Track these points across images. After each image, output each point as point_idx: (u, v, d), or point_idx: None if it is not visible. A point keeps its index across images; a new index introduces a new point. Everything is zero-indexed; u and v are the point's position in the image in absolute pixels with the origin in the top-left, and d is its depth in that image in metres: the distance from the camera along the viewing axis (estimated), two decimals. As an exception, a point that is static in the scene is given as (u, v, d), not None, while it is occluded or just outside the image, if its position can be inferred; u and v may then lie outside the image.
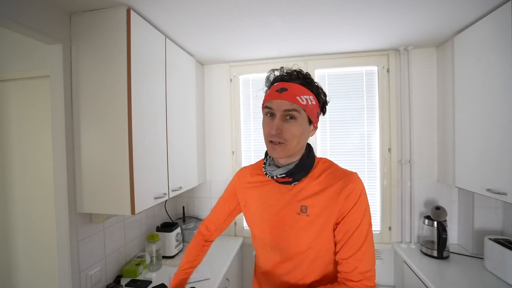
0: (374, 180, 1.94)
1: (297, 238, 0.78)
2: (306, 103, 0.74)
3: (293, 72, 0.78)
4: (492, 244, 1.44)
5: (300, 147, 0.78)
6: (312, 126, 0.80)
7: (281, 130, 0.74)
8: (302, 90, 0.75)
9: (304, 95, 0.74)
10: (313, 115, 0.77)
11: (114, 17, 1.18)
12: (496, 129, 1.25)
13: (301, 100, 0.73)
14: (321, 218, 0.76)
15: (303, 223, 0.77)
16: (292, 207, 0.79)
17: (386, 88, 1.89)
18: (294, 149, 0.77)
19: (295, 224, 0.78)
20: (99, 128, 1.20)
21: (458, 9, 1.28)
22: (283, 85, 0.75)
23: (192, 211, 2.20)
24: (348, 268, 0.73)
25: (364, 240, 0.73)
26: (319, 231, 0.76)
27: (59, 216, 1.20)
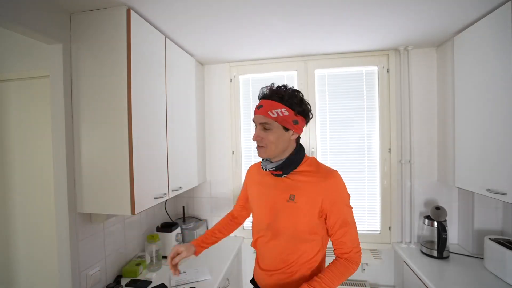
0: (374, 180, 1.94)
1: (286, 220, 0.99)
2: (276, 116, 0.93)
3: (270, 89, 0.98)
4: (492, 244, 1.44)
5: (280, 149, 0.98)
6: (291, 131, 0.97)
7: (261, 138, 0.97)
8: (274, 105, 0.94)
9: (275, 109, 0.93)
10: (287, 123, 0.95)
11: (114, 17, 1.18)
12: (496, 129, 1.25)
13: (272, 114, 0.93)
14: (306, 205, 0.96)
15: (291, 208, 0.98)
16: (283, 195, 0.99)
17: (386, 88, 1.89)
18: (274, 151, 0.98)
19: (285, 209, 0.99)
20: (99, 128, 1.20)
21: (458, 9, 1.28)
22: (261, 102, 0.98)
23: (192, 211, 2.20)
24: (340, 246, 0.97)
25: (349, 225, 0.96)
26: (303, 215, 0.97)
27: (59, 216, 1.20)
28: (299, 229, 0.98)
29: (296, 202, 0.97)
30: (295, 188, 0.98)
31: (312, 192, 0.96)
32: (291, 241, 1.00)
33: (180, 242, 1.81)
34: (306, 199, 0.96)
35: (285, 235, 1.00)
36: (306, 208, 0.96)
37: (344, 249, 0.97)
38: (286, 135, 0.97)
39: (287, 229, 0.99)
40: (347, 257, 0.96)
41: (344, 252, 0.97)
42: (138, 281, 1.43)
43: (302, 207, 0.96)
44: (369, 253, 1.88)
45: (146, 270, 1.56)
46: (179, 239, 1.80)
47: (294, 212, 0.97)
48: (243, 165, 2.12)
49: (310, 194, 0.96)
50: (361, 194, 1.95)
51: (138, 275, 1.50)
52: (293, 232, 0.99)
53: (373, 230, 1.95)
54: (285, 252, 1.01)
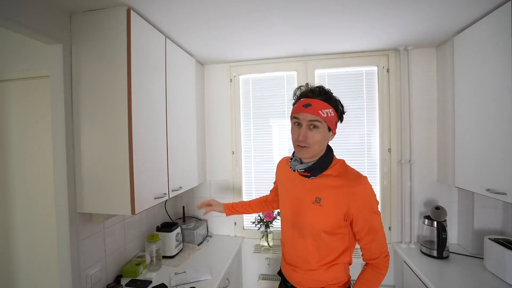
0: (374, 180, 1.94)
1: (310, 221, 1.01)
2: (326, 116, 0.94)
3: (316, 89, 0.99)
4: (492, 244, 1.44)
5: (320, 150, 0.99)
6: (331, 132, 1.00)
7: (306, 137, 0.95)
8: (324, 105, 0.95)
9: (325, 109, 0.94)
10: (332, 124, 0.97)
11: (114, 17, 1.18)
12: (496, 129, 1.25)
13: (322, 113, 0.93)
14: (332, 209, 0.97)
15: (316, 211, 0.99)
16: (309, 197, 1.01)
17: (386, 88, 1.89)
18: (316, 151, 0.98)
19: (310, 210, 1.00)
20: (99, 128, 1.20)
21: (458, 9, 1.28)
22: (308, 101, 0.96)
23: (192, 211, 2.20)
24: (369, 252, 0.99)
25: (376, 231, 0.97)
26: (328, 218, 0.98)
27: (59, 216, 1.20)
28: (322, 230, 0.99)
29: (322, 205, 0.98)
30: (322, 191, 0.99)
31: (338, 197, 0.96)
32: (314, 241, 1.02)
33: (180, 242, 1.81)
34: (332, 203, 0.97)
35: (309, 236, 1.02)
36: (331, 212, 0.97)
37: (371, 255, 0.99)
38: (328, 135, 0.99)
39: (311, 230, 1.02)
40: (374, 263, 0.99)
41: (372, 258, 0.99)
42: (138, 281, 1.43)
43: (328, 210, 0.97)
44: (369, 253, 1.88)
45: (146, 270, 1.56)
46: (179, 239, 1.80)
47: (319, 214, 0.99)
48: (243, 165, 2.13)
49: (337, 198, 0.97)
50: (361, 194, 1.95)
51: (138, 275, 1.50)
52: (316, 233, 1.00)
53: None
54: (308, 251, 1.04)
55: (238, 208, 1.45)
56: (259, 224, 1.96)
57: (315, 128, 0.95)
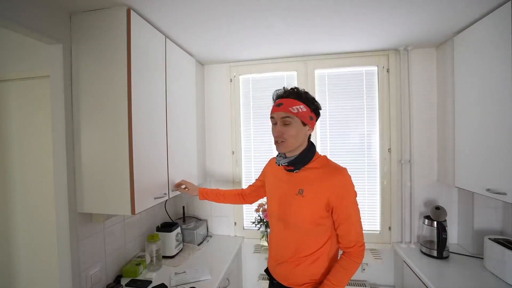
0: (374, 180, 1.94)
1: (294, 213, 1.08)
2: (297, 111, 1.03)
3: (288, 89, 1.08)
4: (492, 244, 1.44)
5: (298, 143, 1.07)
6: (308, 126, 1.07)
7: (282, 133, 1.05)
8: (294, 102, 1.04)
9: (295, 106, 1.03)
10: (305, 118, 1.05)
11: (114, 17, 1.18)
12: (496, 129, 1.25)
13: (293, 109, 1.03)
14: (313, 199, 1.04)
15: (299, 202, 1.06)
16: (293, 189, 1.08)
17: (386, 88, 1.89)
18: (293, 145, 1.06)
19: (294, 202, 1.07)
20: (99, 128, 1.20)
21: (458, 9, 1.28)
22: (280, 100, 1.06)
23: (192, 211, 2.20)
24: (345, 240, 1.05)
25: (353, 220, 1.04)
26: (310, 209, 1.05)
27: (59, 216, 1.20)
28: (305, 221, 1.06)
29: (304, 196, 1.05)
30: (305, 183, 1.06)
31: (319, 188, 1.03)
32: (298, 233, 1.08)
33: (180, 242, 1.81)
34: (313, 194, 1.04)
35: (294, 227, 1.09)
36: (313, 202, 1.04)
37: (347, 243, 1.05)
38: (304, 130, 1.07)
39: (295, 221, 1.08)
40: (350, 252, 1.04)
41: (348, 247, 1.05)
42: (138, 281, 1.43)
43: (310, 201, 1.04)
44: (369, 253, 1.89)
45: (146, 270, 1.56)
46: (179, 239, 1.80)
47: (302, 205, 1.06)
48: (243, 165, 2.13)
49: (318, 189, 1.04)
50: (361, 194, 1.95)
51: (138, 275, 1.50)
52: (300, 224, 1.07)
53: (373, 230, 1.95)
54: (292, 243, 1.09)
55: (212, 195, 1.54)
56: (259, 224, 1.96)
57: (288, 124, 1.05)
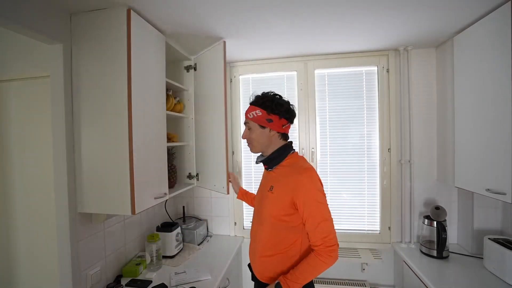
0: (374, 180, 1.94)
1: (265, 207, 1.16)
2: (252, 116, 1.16)
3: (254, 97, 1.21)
4: (491, 244, 1.44)
5: (263, 144, 1.18)
6: (268, 128, 1.16)
7: (245, 136, 1.23)
8: (252, 108, 1.17)
9: (252, 111, 1.17)
10: (261, 121, 1.15)
11: (114, 17, 1.18)
12: (496, 129, 1.26)
13: (249, 115, 1.17)
14: (279, 196, 1.10)
15: (269, 198, 1.14)
16: (267, 186, 1.18)
17: (386, 88, 1.89)
18: (258, 146, 1.20)
19: (265, 198, 1.16)
20: (99, 128, 1.20)
21: (458, 9, 1.28)
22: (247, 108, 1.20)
23: (192, 211, 2.20)
24: (312, 238, 1.06)
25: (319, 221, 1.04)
26: (276, 205, 1.11)
27: (60, 216, 1.20)
28: (272, 216, 1.12)
29: (273, 192, 1.13)
30: (275, 181, 1.15)
31: (286, 185, 1.09)
32: (268, 228, 1.14)
33: (180, 242, 1.81)
34: (280, 191, 1.11)
35: (264, 222, 1.16)
36: (279, 198, 1.10)
37: (314, 242, 1.05)
38: (264, 132, 1.16)
39: (265, 216, 1.15)
40: (316, 249, 1.04)
41: (315, 245, 1.05)
42: (138, 281, 1.43)
43: (276, 197, 1.11)
44: (369, 253, 1.89)
45: (146, 270, 1.56)
46: (179, 239, 1.80)
47: (270, 201, 1.13)
48: (243, 165, 2.13)
49: (284, 186, 1.10)
50: (361, 194, 1.95)
51: (138, 274, 1.50)
52: (268, 218, 1.13)
53: (373, 230, 1.96)
54: (263, 237, 1.16)
55: (249, 199, 1.62)
56: (259, 224, 1.96)
57: (250, 128, 1.19)
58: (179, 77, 1.86)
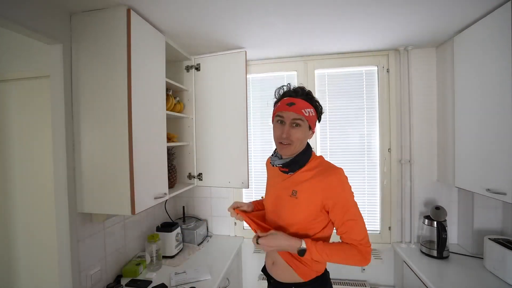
0: (374, 180, 1.94)
1: (286, 213, 1.04)
2: (308, 115, 1.00)
3: (299, 89, 1.04)
4: (492, 244, 1.44)
5: (301, 147, 1.04)
6: (311, 131, 1.05)
7: (290, 134, 1.00)
8: (306, 104, 1.00)
9: (307, 108, 1.00)
10: (313, 123, 1.03)
11: (114, 17, 1.18)
12: (496, 129, 1.25)
13: (305, 112, 0.99)
14: (306, 201, 1.00)
15: (292, 203, 1.02)
16: (287, 190, 1.05)
17: (386, 88, 1.89)
18: (297, 148, 1.03)
19: (287, 203, 1.04)
20: (99, 128, 1.20)
21: (458, 9, 1.28)
22: (292, 100, 1.01)
23: (192, 211, 2.20)
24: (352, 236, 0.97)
25: (353, 222, 0.97)
26: (303, 211, 1.00)
27: (60, 216, 1.20)
28: (296, 222, 1.02)
29: (297, 198, 1.01)
30: (299, 185, 1.03)
31: (313, 188, 0.99)
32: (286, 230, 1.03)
33: (180, 242, 1.81)
34: (307, 195, 1.00)
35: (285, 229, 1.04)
36: (305, 204, 1.00)
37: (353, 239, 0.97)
38: (308, 134, 1.04)
39: (287, 222, 1.04)
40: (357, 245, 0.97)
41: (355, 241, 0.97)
42: (138, 281, 1.43)
43: (302, 202, 1.00)
44: (369, 253, 1.88)
45: (146, 270, 1.56)
46: (179, 239, 1.80)
47: (295, 207, 1.02)
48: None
49: (311, 190, 0.99)
50: (361, 194, 1.95)
51: (138, 275, 1.50)
52: (292, 225, 1.03)
53: (373, 230, 1.95)
54: None
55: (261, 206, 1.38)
56: (259, 224, 1.96)
57: (298, 126, 1.00)
58: (179, 77, 1.86)
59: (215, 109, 1.78)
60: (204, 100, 1.81)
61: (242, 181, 1.70)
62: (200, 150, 1.84)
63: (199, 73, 1.82)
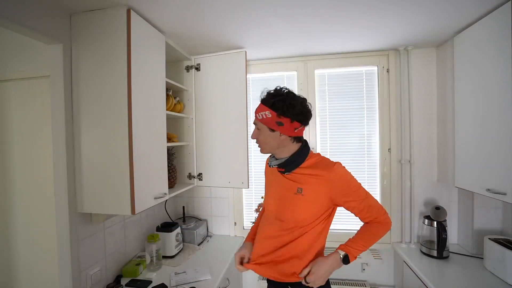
0: (374, 180, 1.94)
1: (294, 211, 1.05)
2: (261, 118, 1.05)
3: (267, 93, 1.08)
4: (492, 244, 1.44)
5: (273, 146, 1.08)
6: (278, 132, 1.04)
7: (255, 137, 1.11)
8: (262, 108, 1.05)
9: (261, 112, 1.05)
10: (271, 124, 1.03)
11: (114, 17, 1.17)
12: (496, 129, 1.25)
13: (258, 116, 1.06)
14: (313, 197, 1.03)
15: (299, 201, 1.04)
16: (291, 189, 1.06)
17: (386, 88, 1.89)
18: (267, 148, 1.10)
19: (292, 201, 1.06)
20: (99, 128, 1.20)
21: (458, 9, 1.28)
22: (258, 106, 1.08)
23: (192, 211, 2.20)
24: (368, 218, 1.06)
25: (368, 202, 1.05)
26: (310, 207, 1.04)
27: (59, 216, 1.20)
28: (302, 218, 1.05)
29: (303, 194, 1.04)
30: (302, 182, 1.05)
31: (318, 185, 1.03)
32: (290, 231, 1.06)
33: (180, 242, 1.81)
34: (313, 191, 1.03)
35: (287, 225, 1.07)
36: (312, 200, 1.04)
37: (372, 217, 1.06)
38: (273, 135, 1.05)
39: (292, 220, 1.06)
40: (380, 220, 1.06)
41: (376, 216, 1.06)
42: (138, 281, 1.43)
43: (309, 199, 1.03)
44: (369, 253, 1.89)
45: (146, 270, 1.56)
46: (179, 239, 1.80)
47: (302, 204, 1.04)
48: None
49: (317, 186, 1.03)
50: (361, 194, 1.95)
51: (138, 275, 1.50)
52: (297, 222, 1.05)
53: (373, 230, 1.95)
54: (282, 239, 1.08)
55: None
56: (259, 224, 1.96)
57: (259, 129, 1.08)
58: (179, 77, 1.86)
59: (215, 109, 1.78)
60: (204, 100, 1.81)
61: (242, 181, 1.70)
62: (200, 150, 1.84)
63: (199, 73, 1.82)
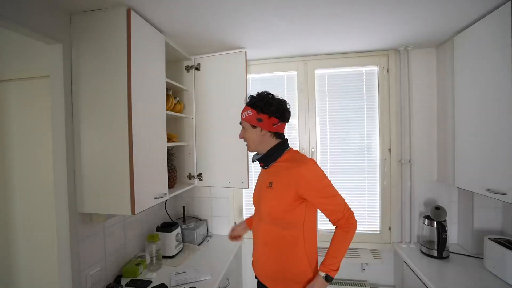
0: (374, 180, 1.94)
1: (265, 204, 1.15)
2: (245, 116, 1.17)
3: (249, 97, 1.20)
4: (492, 244, 1.44)
5: (256, 143, 1.18)
6: (258, 128, 1.15)
7: (241, 136, 1.22)
8: (245, 108, 1.18)
9: (244, 111, 1.17)
10: (252, 121, 1.15)
11: (114, 17, 1.18)
12: (496, 129, 1.25)
13: (242, 115, 1.18)
14: (281, 190, 1.10)
15: (269, 194, 1.14)
16: (265, 183, 1.17)
17: (386, 88, 1.89)
18: (253, 145, 1.20)
19: (265, 194, 1.16)
20: (99, 128, 1.20)
21: (458, 9, 1.28)
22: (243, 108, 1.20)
23: (192, 211, 2.20)
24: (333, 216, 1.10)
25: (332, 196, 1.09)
26: (279, 199, 1.10)
27: (60, 216, 1.20)
28: (274, 211, 1.11)
29: (273, 188, 1.12)
30: (274, 176, 1.15)
31: (287, 179, 1.09)
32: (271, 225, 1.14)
33: (180, 242, 1.81)
34: (281, 185, 1.10)
35: (266, 218, 1.15)
36: (281, 193, 1.10)
37: (336, 217, 1.10)
38: (255, 131, 1.16)
39: (265, 212, 1.14)
40: (341, 224, 1.10)
41: (338, 219, 1.10)
42: (138, 281, 1.43)
43: (278, 192, 1.11)
44: (369, 253, 1.89)
45: (146, 270, 1.56)
46: (179, 239, 1.80)
47: (271, 197, 1.12)
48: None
49: (285, 180, 1.09)
50: (361, 194, 1.95)
51: (138, 275, 1.50)
52: (270, 214, 1.13)
53: (373, 230, 1.96)
54: (267, 235, 1.16)
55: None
56: (259, 224, 1.96)
57: (244, 128, 1.20)
58: (179, 77, 1.86)
59: (215, 109, 1.78)
60: (204, 100, 1.81)
61: (242, 181, 1.70)
62: (200, 150, 1.84)
63: (199, 73, 1.82)
